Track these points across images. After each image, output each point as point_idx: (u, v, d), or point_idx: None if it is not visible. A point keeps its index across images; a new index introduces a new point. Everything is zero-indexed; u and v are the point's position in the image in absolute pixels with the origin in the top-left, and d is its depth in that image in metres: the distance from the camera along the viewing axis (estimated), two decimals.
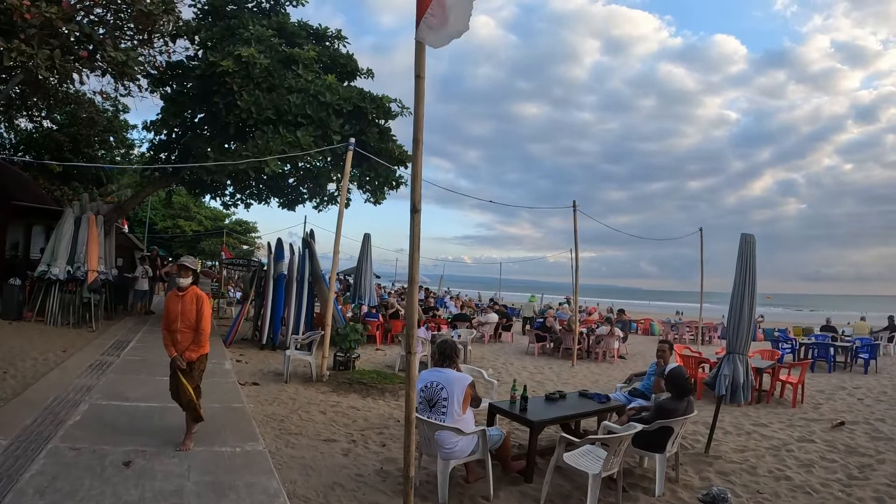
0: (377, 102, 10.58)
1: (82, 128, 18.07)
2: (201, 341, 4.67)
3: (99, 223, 13.10)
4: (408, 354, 3.54)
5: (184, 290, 4.69)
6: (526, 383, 10.12)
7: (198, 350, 4.69)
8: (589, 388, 9.94)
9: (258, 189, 16.90)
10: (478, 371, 6.64)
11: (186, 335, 4.64)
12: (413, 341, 3.55)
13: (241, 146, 9.08)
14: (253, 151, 8.98)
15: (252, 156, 8.87)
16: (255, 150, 8.99)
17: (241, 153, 9.11)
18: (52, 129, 19.08)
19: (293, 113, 9.39)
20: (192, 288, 4.73)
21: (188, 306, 4.64)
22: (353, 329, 8.26)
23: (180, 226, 35.54)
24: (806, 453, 5.71)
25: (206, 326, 4.67)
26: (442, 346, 4.60)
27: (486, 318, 15.68)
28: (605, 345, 13.49)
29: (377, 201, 12.07)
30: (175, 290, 4.76)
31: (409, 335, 3.56)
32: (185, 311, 4.63)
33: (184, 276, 4.69)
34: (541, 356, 13.54)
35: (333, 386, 7.66)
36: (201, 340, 4.67)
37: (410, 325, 3.56)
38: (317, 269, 11.74)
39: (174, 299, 4.71)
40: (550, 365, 12.19)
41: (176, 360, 4.66)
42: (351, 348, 8.26)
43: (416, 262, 3.48)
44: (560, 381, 10.21)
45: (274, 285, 11.31)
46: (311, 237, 12.03)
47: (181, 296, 4.68)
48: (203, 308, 4.66)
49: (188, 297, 4.67)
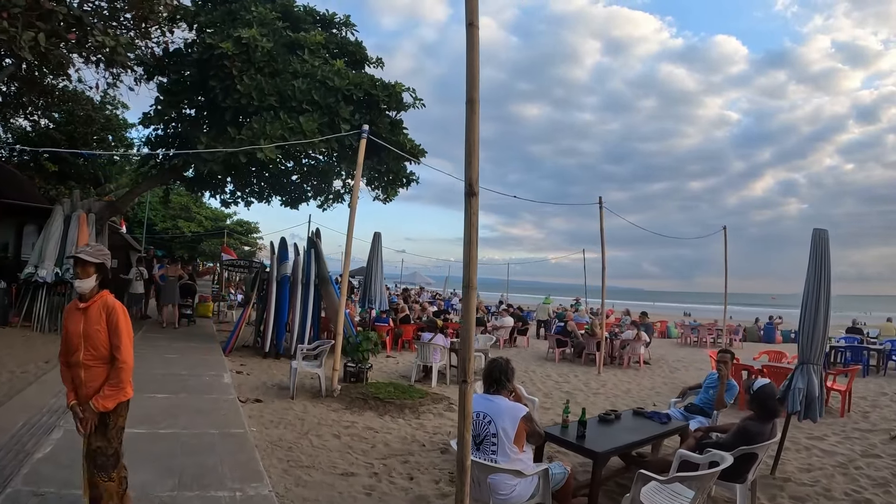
0: (389, 90, 9.73)
1: (79, 126, 17.47)
2: (120, 379, 2.92)
3: (90, 221, 12.28)
4: (462, 383, 2.70)
5: (87, 301, 2.97)
6: (551, 392, 9.36)
7: (115, 394, 2.92)
8: (621, 397, 9.24)
9: (259, 186, 16.12)
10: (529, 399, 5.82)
11: (95, 371, 2.93)
12: (470, 365, 2.70)
13: (236, 132, 8.22)
14: (248, 135, 8.13)
15: (247, 142, 8.02)
16: (249, 135, 8.13)
17: (234, 139, 8.25)
18: (49, 127, 18.47)
19: (298, 99, 8.54)
20: (101, 295, 3.00)
21: (93, 325, 2.93)
22: (366, 338, 7.41)
23: (180, 226, 34.70)
24: (876, 470, 5.26)
25: (125, 355, 2.94)
26: (490, 368, 3.74)
27: (502, 322, 14.85)
28: (631, 350, 12.69)
29: (388, 198, 11.22)
30: (75, 301, 3.06)
31: (464, 358, 2.71)
32: (89, 332, 2.92)
33: (82, 277, 2.96)
34: (562, 362, 12.82)
35: (346, 402, 6.81)
36: (120, 378, 2.92)
37: (466, 342, 2.71)
38: (323, 271, 10.90)
39: (73, 315, 3.00)
40: (574, 372, 11.46)
41: (77, 412, 2.93)
42: (364, 359, 7.41)
43: (474, 260, 2.64)
44: (590, 391, 9.44)
45: (277, 288, 10.48)
46: (316, 236, 11.20)
47: (83, 309, 2.97)
48: (118, 325, 2.95)
49: (93, 311, 2.95)
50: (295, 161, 15.40)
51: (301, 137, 8.16)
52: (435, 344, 8.67)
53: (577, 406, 8.16)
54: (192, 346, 10.16)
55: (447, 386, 8.87)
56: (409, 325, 13.39)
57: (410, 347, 13.41)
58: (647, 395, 9.28)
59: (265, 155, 8.07)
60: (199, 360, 8.66)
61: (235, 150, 8.09)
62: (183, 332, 12.19)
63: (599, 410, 8.04)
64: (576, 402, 8.40)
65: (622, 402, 8.58)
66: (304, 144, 8.35)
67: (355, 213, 7.10)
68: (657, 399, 8.95)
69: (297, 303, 10.39)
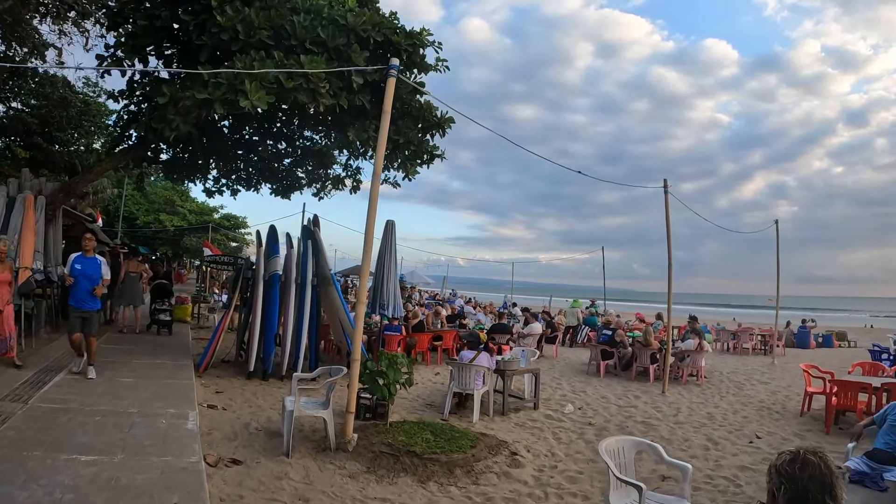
0: (414, 38, 7.54)
1: (54, 109, 15.56)
2: None
3: (39, 206, 9.99)
4: None
5: None
6: (624, 423, 7.35)
7: None
8: (710, 426, 7.18)
9: (247, 172, 13.92)
10: (649, 445, 3.74)
11: None
12: None
13: (212, 75, 5.96)
14: (228, 77, 5.87)
15: (225, 87, 5.76)
16: (230, 77, 5.88)
17: (207, 82, 5.97)
18: (23, 110, 16.54)
19: (298, 36, 6.32)
20: None
21: None
22: (391, 364, 5.17)
23: (162, 221, 32.19)
24: None
25: None
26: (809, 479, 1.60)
27: (530, 329, 12.74)
28: (692, 363, 10.71)
29: (407, 176, 9.00)
30: None
31: None
32: None
33: None
34: (607, 376, 10.89)
35: (367, 460, 4.63)
36: None
37: None
38: (324, 269, 8.70)
39: None
40: (631, 391, 9.52)
41: None
42: (390, 394, 5.20)
43: None
44: (669, 419, 7.59)
45: (265, 290, 8.27)
46: (314, 224, 8.98)
47: None
48: None
49: None
50: (287, 141, 13.19)
51: (302, 81, 5.95)
52: (479, 366, 6.53)
53: (669, 444, 6.19)
54: (156, 364, 7.92)
55: (491, 419, 6.78)
56: (424, 333, 11.24)
57: (425, 360, 11.31)
58: (738, 422, 7.44)
59: (251, 104, 5.83)
60: (161, 388, 6.44)
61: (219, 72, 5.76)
62: (150, 343, 9.92)
63: (699, 448, 6.02)
64: (662, 438, 6.45)
65: (720, 435, 6.64)
66: (308, 89, 6.11)
67: (378, 189, 4.94)
68: (754, 427, 7.14)
69: (291, 309, 8.19)
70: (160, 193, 34.27)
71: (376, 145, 8.13)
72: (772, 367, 13.86)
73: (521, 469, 4.95)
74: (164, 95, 6.38)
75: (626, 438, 3.84)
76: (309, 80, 6.01)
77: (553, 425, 6.83)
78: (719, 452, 5.85)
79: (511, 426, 6.63)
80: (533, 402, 7.63)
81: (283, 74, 5.87)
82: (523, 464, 5.06)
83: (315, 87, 6.12)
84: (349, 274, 28.03)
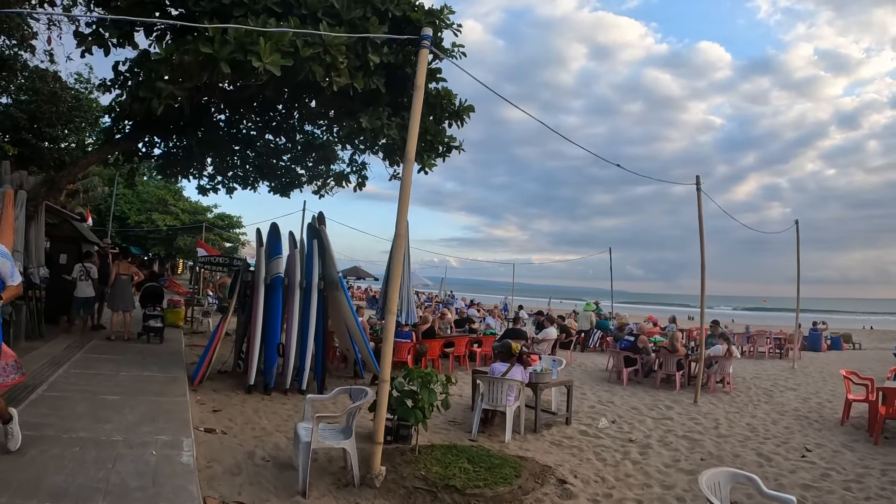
0: (434, 17, 6.79)
1: (43, 104, 14.85)
2: None
3: (19, 201, 9.19)
4: None
5: None
6: (665, 437, 6.70)
7: None
8: (754, 439, 6.58)
9: (244, 170, 13.19)
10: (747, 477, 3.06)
11: None
12: None
13: (217, 31, 5.11)
14: (237, 35, 5.02)
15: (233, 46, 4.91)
16: (239, 35, 5.04)
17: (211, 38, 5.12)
18: (11, 105, 15.80)
19: (310, 6, 5.53)
20: None
21: None
22: (424, 384, 4.39)
23: (154, 220, 31.21)
24: None
25: None
26: None
27: (545, 335, 12.03)
28: (720, 369, 10.10)
29: (423, 168, 8.23)
30: None
31: None
32: None
33: None
34: (630, 384, 10.29)
35: (400, 498, 3.86)
36: None
37: None
38: (331, 271, 7.94)
39: None
40: (660, 400, 8.94)
41: None
42: (423, 419, 4.44)
43: None
44: (712, 433, 7.06)
45: (266, 294, 7.52)
46: (320, 222, 8.22)
47: None
48: None
49: None
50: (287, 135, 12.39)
51: (320, 50, 5.16)
52: (512, 380, 5.80)
53: (720, 462, 5.60)
54: (146, 377, 7.13)
55: (523, 437, 6.09)
56: (436, 339, 10.50)
57: (436, 366, 10.59)
58: (782, 434, 6.94)
59: (264, 66, 4.99)
60: (151, 407, 5.67)
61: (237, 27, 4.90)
62: (140, 352, 9.12)
63: (753, 464, 5.70)
64: (711, 455, 6.00)
65: (768, 449, 6.14)
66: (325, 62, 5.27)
67: (410, 172, 4.20)
68: (800, 439, 6.64)
69: (295, 315, 7.44)
70: (153, 192, 33.31)
71: (390, 134, 7.47)
72: (793, 372, 13.34)
73: (574, 500, 4.28)
74: (158, 54, 5.58)
75: (721, 471, 3.17)
76: (327, 51, 5.24)
77: (592, 443, 6.18)
78: (775, 469, 5.42)
79: (547, 445, 5.96)
80: (565, 416, 6.96)
81: (301, 41, 5.09)
82: (575, 493, 4.38)
83: (333, 59, 5.35)
84: (347, 275, 27.34)
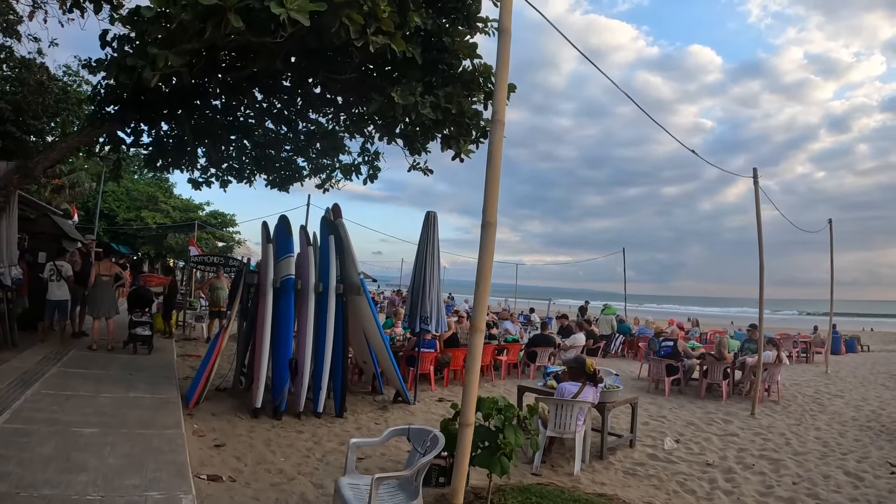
0: None
1: (29, 94, 13.87)
2: None
3: None
4: None
5: None
6: (725, 454, 5.84)
7: None
8: (827, 454, 5.63)
9: (240, 162, 12.08)
10: None
11: None
12: None
13: None
14: None
15: None
16: None
17: None
18: None
19: None
20: None
21: None
22: (507, 418, 3.27)
23: (143, 218, 29.88)
24: None
25: None
26: None
27: (573, 341, 11.02)
28: (769, 377, 9.22)
29: (458, 156, 7.10)
30: None
31: None
32: None
33: None
34: (672, 395, 9.45)
35: None
36: None
37: None
38: (351, 273, 6.84)
39: None
40: (711, 412, 8.18)
41: None
42: (504, 468, 3.31)
43: None
44: (785, 448, 6.21)
45: (275, 300, 6.41)
46: (336, 215, 7.10)
47: None
48: None
49: None
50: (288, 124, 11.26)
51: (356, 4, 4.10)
52: (584, 402, 4.78)
53: (814, 486, 4.67)
54: (131, 399, 6.00)
55: (590, 466, 5.13)
56: (459, 349, 9.43)
57: (458, 378, 9.57)
58: (857, 448, 6.31)
59: (286, 11, 3.89)
60: (138, 443, 4.55)
61: None
62: (126, 365, 7.97)
63: (848, 486, 4.89)
64: (800, 477, 5.26)
65: (853, 467, 5.52)
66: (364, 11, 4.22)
67: (501, 134, 3.17)
68: (877, 453, 6.08)
69: (309, 325, 6.33)
70: (142, 189, 31.97)
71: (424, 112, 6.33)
72: (829, 377, 12.64)
73: None
74: (150, 9, 4.47)
75: None
76: None
77: (668, 470, 5.26)
78: (871, 489, 4.93)
79: (621, 476, 5.02)
80: (629, 438, 6.00)
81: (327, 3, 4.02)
82: None
83: (374, 6, 4.28)
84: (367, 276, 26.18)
